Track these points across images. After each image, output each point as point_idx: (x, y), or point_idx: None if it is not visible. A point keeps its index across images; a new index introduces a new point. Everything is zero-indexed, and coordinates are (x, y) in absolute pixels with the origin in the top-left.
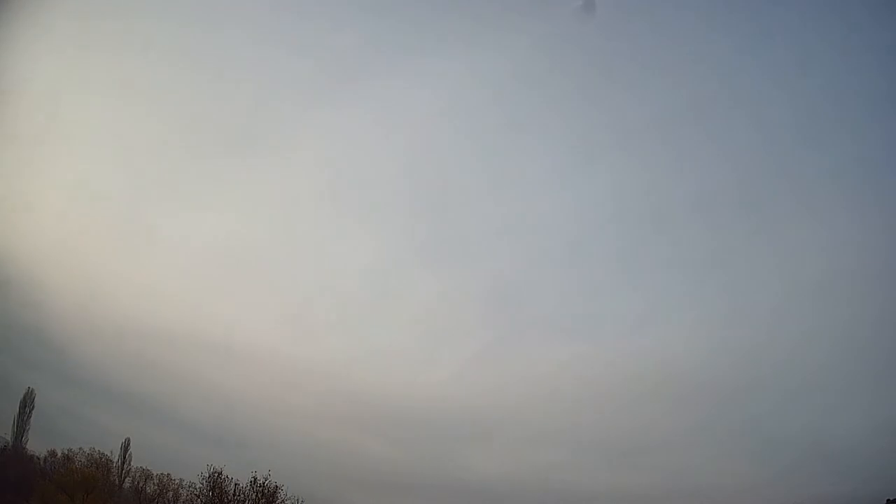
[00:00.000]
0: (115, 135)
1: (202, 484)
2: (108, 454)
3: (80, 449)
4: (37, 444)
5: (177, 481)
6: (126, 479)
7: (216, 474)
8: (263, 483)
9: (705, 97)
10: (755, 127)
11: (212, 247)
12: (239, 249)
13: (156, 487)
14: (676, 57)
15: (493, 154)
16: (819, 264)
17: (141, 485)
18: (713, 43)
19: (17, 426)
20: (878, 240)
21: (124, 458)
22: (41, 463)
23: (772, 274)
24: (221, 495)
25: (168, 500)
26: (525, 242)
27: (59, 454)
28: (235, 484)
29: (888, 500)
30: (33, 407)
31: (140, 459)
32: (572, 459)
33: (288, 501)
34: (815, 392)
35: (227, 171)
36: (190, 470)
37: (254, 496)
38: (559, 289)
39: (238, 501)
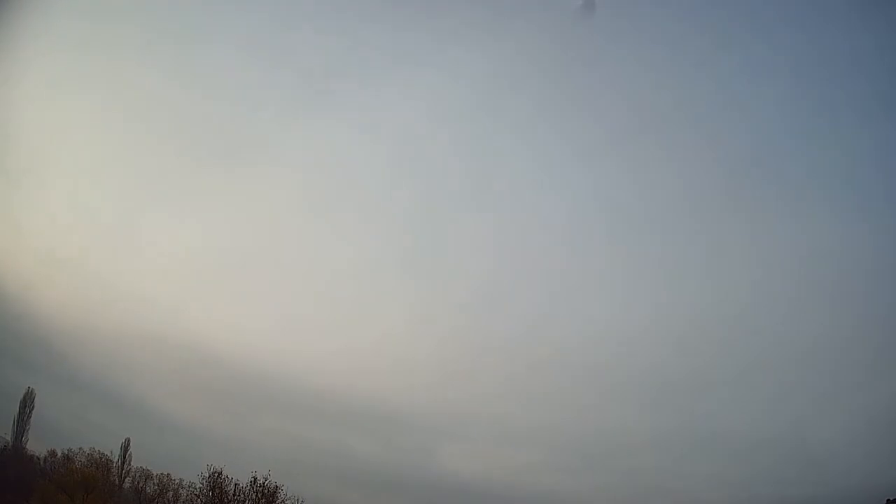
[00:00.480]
0: (106, 143)
1: (202, 484)
2: (108, 454)
3: (80, 449)
4: (37, 444)
5: (177, 481)
6: (126, 479)
7: (216, 474)
8: (263, 483)
9: (694, 98)
10: (745, 127)
11: (204, 253)
12: (231, 255)
13: (156, 487)
14: (664, 57)
15: (479, 159)
16: (806, 265)
17: (141, 485)
18: (702, 43)
19: (17, 426)
20: (862, 241)
21: (124, 458)
22: (41, 463)
23: (760, 275)
24: (221, 495)
25: (168, 500)
26: (510, 245)
27: (59, 454)
28: (235, 484)
29: (888, 500)
30: (33, 407)
31: (140, 459)
32: (555, 459)
33: (288, 501)
34: (802, 392)
35: (216, 177)
36: (190, 470)
37: (254, 496)
38: (542, 290)
39: (238, 501)
